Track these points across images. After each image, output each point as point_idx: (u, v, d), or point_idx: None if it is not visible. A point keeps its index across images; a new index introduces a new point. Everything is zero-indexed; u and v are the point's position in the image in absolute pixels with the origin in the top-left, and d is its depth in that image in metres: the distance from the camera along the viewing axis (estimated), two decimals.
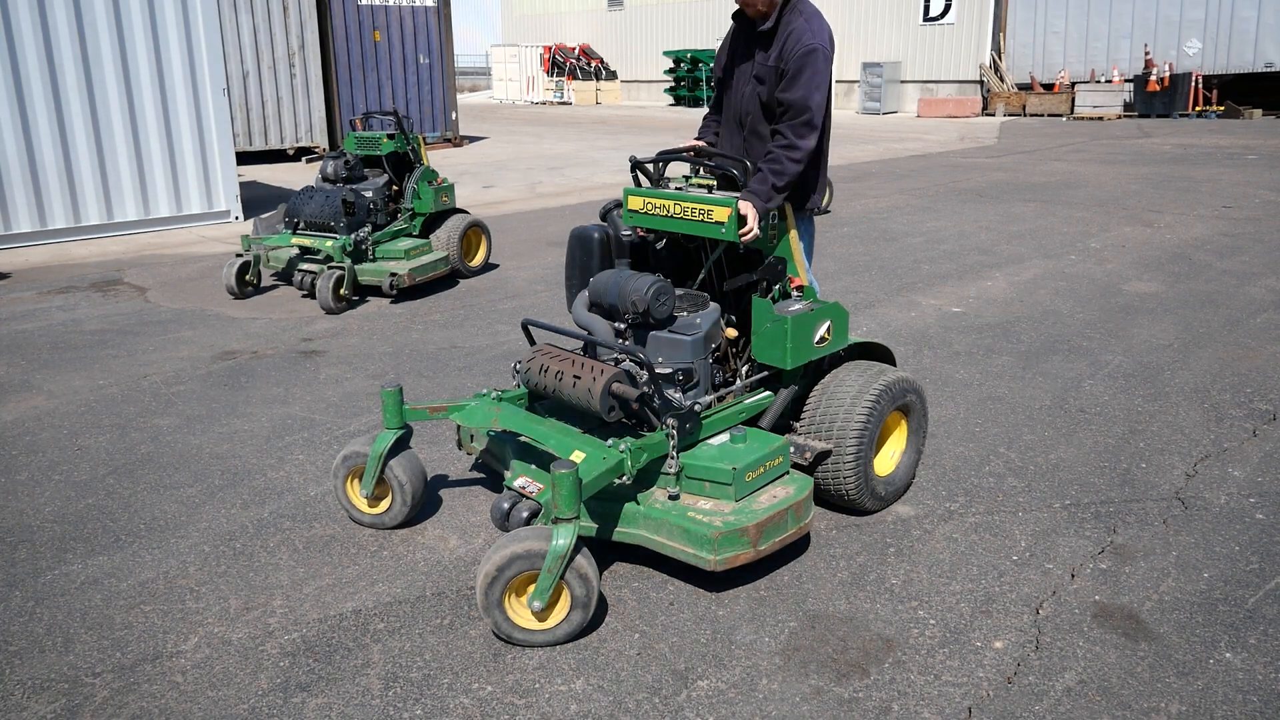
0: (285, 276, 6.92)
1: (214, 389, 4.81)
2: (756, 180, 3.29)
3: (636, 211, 3.45)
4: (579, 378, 2.94)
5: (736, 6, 3.52)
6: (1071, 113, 23.40)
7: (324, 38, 15.48)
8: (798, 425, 3.33)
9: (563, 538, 2.55)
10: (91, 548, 3.22)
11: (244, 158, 13.91)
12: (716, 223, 3.23)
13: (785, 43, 3.37)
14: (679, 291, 3.39)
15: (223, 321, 6.09)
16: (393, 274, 6.34)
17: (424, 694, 2.45)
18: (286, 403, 4.59)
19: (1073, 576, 2.97)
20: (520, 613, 2.64)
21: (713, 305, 3.33)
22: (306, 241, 6.51)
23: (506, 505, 2.87)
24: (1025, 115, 24.03)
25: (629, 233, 3.51)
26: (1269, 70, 22.26)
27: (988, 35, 25.39)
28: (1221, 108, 22.17)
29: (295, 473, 3.80)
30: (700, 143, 3.74)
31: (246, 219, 9.64)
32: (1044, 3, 24.92)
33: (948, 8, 25.86)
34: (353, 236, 6.44)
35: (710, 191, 3.39)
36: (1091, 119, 22.47)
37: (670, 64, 32.78)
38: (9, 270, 7.59)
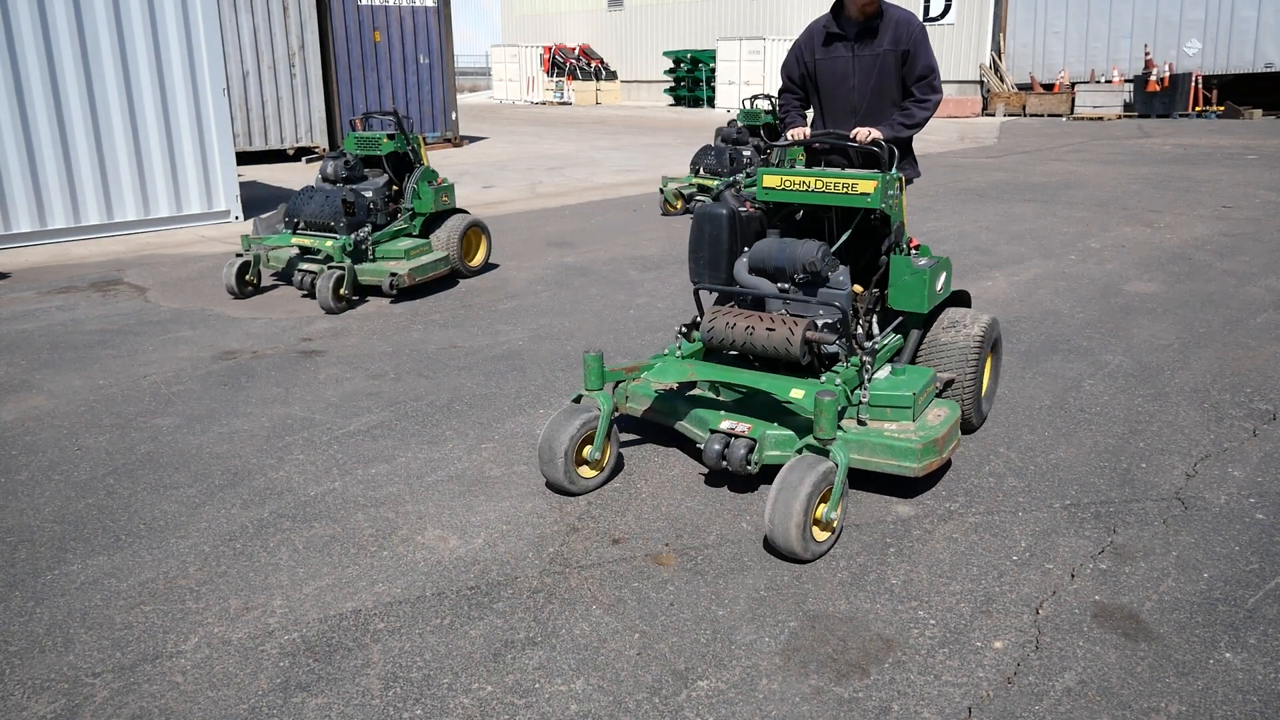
0: (285, 276, 6.92)
1: (214, 389, 4.81)
2: (892, 120, 4.08)
3: (773, 188, 3.94)
4: (772, 329, 3.52)
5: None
6: (1071, 113, 23.40)
7: (324, 38, 15.48)
8: (918, 360, 3.96)
9: (841, 453, 3.09)
10: (91, 548, 3.22)
11: (244, 158, 13.91)
12: (861, 194, 3.72)
13: (896, 29, 4.14)
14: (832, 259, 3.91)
15: (223, 321, 6.09)
16: (393, 274, 6.34)
17: (424, 694, 2.45)
18: (286, 403, 4.59)
19: (1073, 576, 2.97)
20: (819, 533, 3.08)
21: (842, 266, 3.86)
22: (306, 241, 6.51)
23: (719, 446, 3.41)
24: (1025, 115, 24.03)
25: (744, 209, 4.00)
26: (1269, 70, 22.26)
27: (988, 35, 25.40)
28: (1221, 108, 22.18)
29: (295, 473, 3.80)
30: (805, 131, 4.29)
31: (246, 219, 9.64)
32: (1044, 3, 24.94)
33: (948, 8, 25.86)
34: (353, 236, 6.44)
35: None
36: (1091, 119, 22.47)
37: (670, 64, 32.78)
38: (9, 270, 7.59)
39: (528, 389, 4.73)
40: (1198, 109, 22.41)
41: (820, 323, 3.60)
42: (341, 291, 6.25)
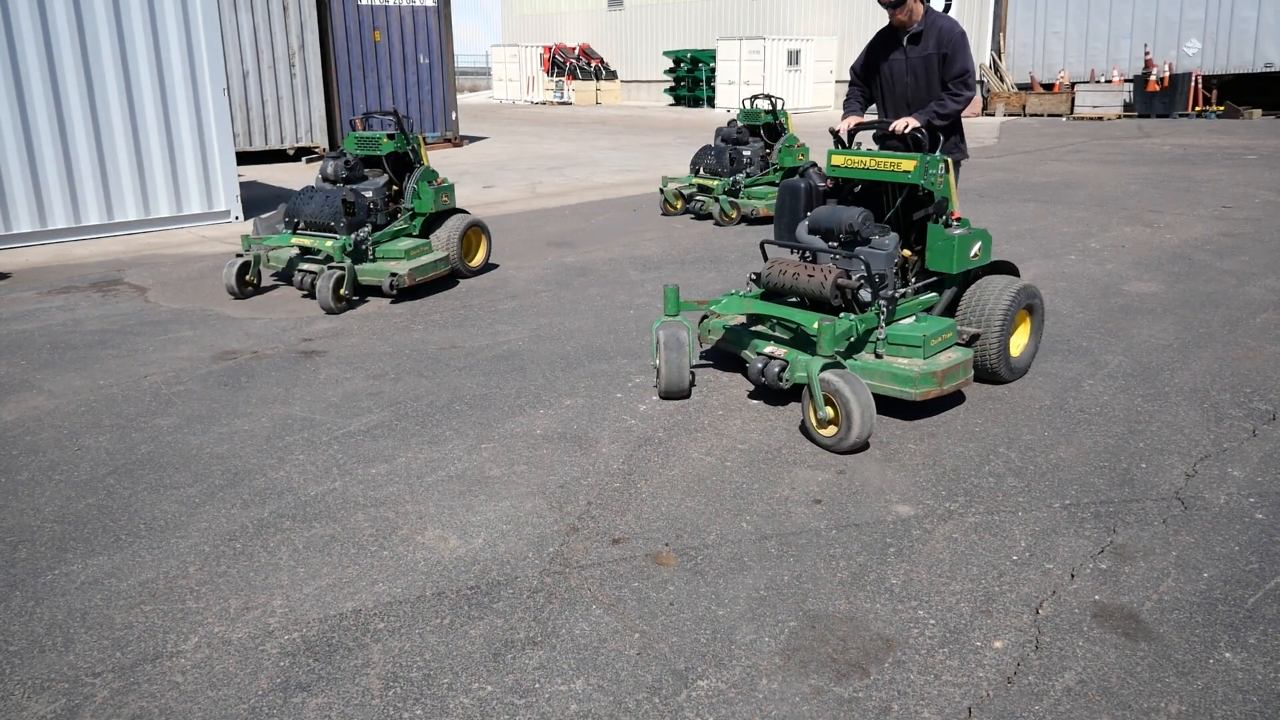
0: (285, 276, 6.92)
1: (214, 389, 4.81)
2: (926, 110, 4.82)
3: (839, 166, 4.71)
4: (812, 276, 4.34)
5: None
6: (1071, 113, 23.40)
7: (324, 38, 15.48)
8: (956, 317, 4.52)
9: (828, 369, 3.83)
10: (91, 548, 3.22)
11: (244, 158, 13.91)
12: (904, 171, 4.47)
13: (939, 35, 4.90)
14: (877, 225, 4.60)
15: (223, 321, 6.09)
16: (393, 274, 6.34)
17: (424, 694, 2.46)
18: (286, 403, 4.59)
19: (1072, 576, 2.97)
20: (823, 430, 3.92)
21: (894, 234, 4.56)
22: (306, 241, 6.51)
23: (760, 365, 4.25)
24: (1025, 115, 24.03)
25: (823, 183, 4.86)
26: (1269, 70, 22.26)
27: (988, 35, 25.40)
28: (1221, 108, 22.18)
29: (295, 473, 3.80)
30: (852, 121, 4.98)
31: (246, 219, 9.64)
32: (1044, 3, 24.94)
33: (948, 8, 25.84)
34: (353, 236, 6.44)
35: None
36: (1091, 119, 22.47)
37: (670, 64, 32.77)
38: (9, 270, 7.59)
39: (528, 389, 4.73)
40: (1197, 109, 22.41)
41: (856, 275, 4.28)
42: (341, 291, 6.25)
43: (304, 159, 15.14)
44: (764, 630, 2.71)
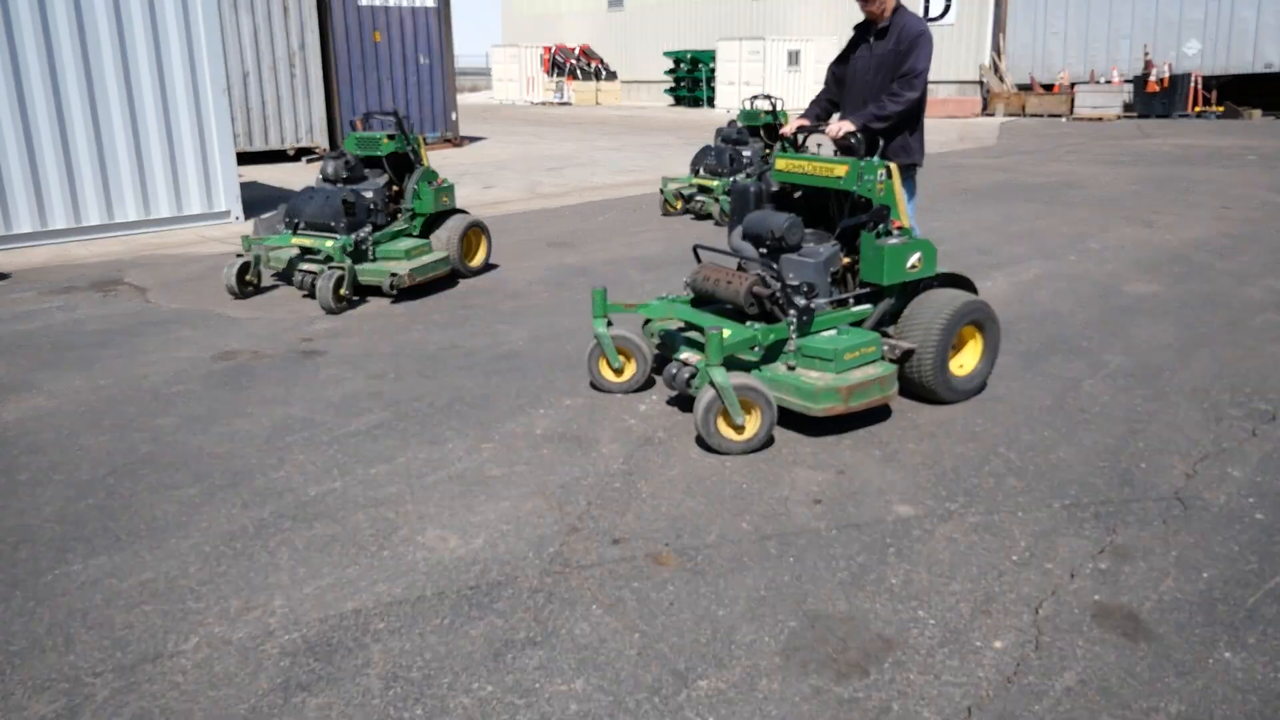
0: (285, 276, 6.92)
1: (214, 389, 4.81)
2: (863, 112, 4.66)
3: (782, 170, 4.61)
4: (730, 282, 4.21)
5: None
6: (1071, 113, 23.40)
7: (324, 38, 15.48)
8: (896, 331, 4.34)
9: (718, 375, 3.73)
10: (92, 548, 3.22)
11: (244, 158, 13.90)
12: (836, 176, 4.34)
13: (900, 32, 4.77)
14: (811, 230, 4.50)
15: (223, 321, 6.09)
16: (393, 274, 6.34)
17: (424, 694, 2.46)
18: (286, 403, 4.60)
19: (1072, 576, 2.97)
20: (731, 434, 3.85)
21: (832, 242, 4.40)
22: (307, 242, 6.51)
23: (674, 370, 4.19)
24: (1025, 116, 24.03)
25: (776, 186, 4.72)
26: (1269, 71, 22.26)
27: (988, 35, 25.41)
28: (1221, 108, 22.18)
29: (295, 473, 3.80)
30: (805, 121, 4.95)
31: (247, 219, 9.64)
32: (1044, 3, 24.94)
33: (948, 8, 25.87)
34: (353, 237, 6.44)
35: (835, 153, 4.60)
36: (1091, 119, 22.47)
37: (670, 64, 32.77)
38: (9, 270, 7.59)
39: (528, 389, 4.73)
40: (1197, 109, 22.41)
41: (784, 282, 4.14)
42: (342, 292, 6.25)
43: (304, 159, 15.14)
44: (764, 630, 2.71)
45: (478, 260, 7.39)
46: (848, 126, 4.55)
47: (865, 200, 4.39)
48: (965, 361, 4.48)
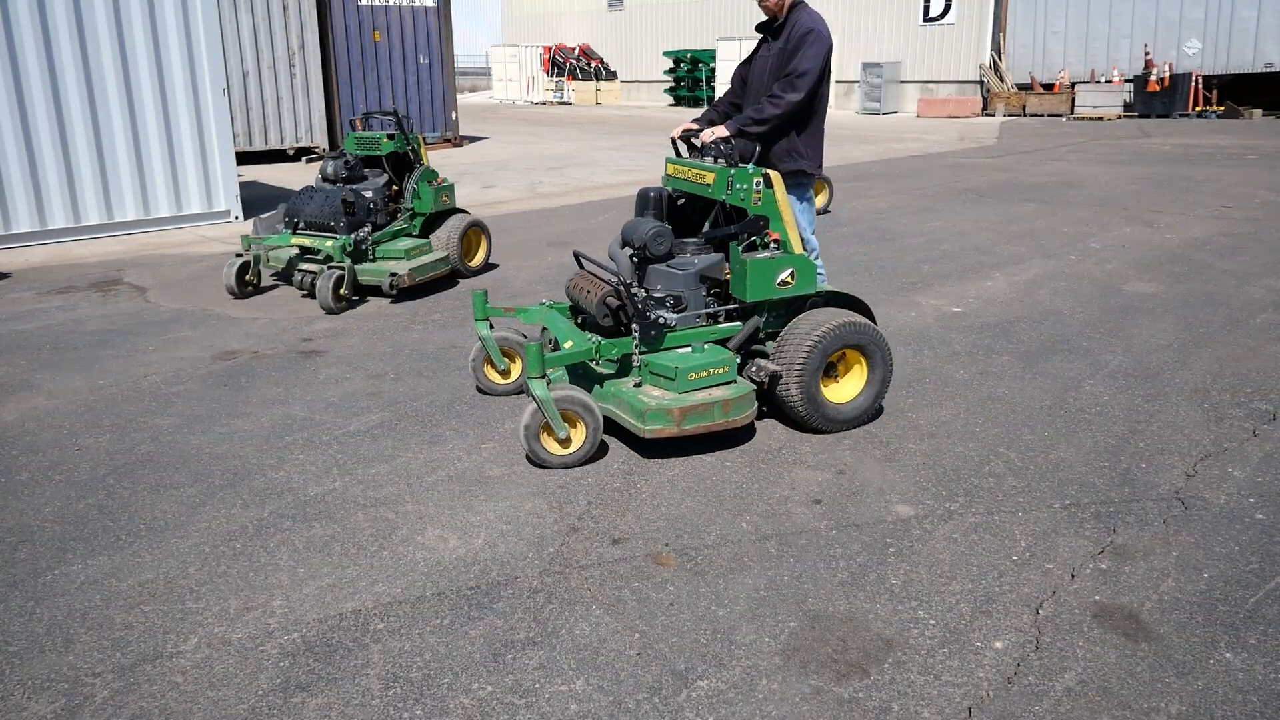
0: (285, 276, 6.92)
1: (214, 389, 4.81)
2: (740, 116, 4.46)
3: (669, 175, 4.49)
4: (589, 292, 4.04)
5: (752, 10, 4.45)
6: (1071, 113, 23.39)
7: (324, 38, 15.47)
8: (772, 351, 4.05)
9: (537, 388, 3.61)
10: (91, 548, 3.22)
11: (244, 158, 13.91)
12: (706, 184, 4.16)
13: (791, 30, 4.51)
14: (693, 241, 4.24)
15: (223, 321, 6.09)
16: (393, 274, 6.34)
17: (424, 694, 2.46)
18: (286, 403, 4.59)
19: (1073, 576, 2.97)
20: (555, 447, 3.73)
21: (716, 254, 4.16)
22: (306, 241, 6.50)
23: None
24: (1025, 115, 24.03)
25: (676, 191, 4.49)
26: (1269, 70, 22.26)
27: (988, 35, 25.40)
28: (1221, 108, 22.17)
29: (295, 473, 3.80)
30: (694, 125, 4.69)
31: (246, 219, 9.64)
32: (1044, 3, 24.93)
33: (948, 8, 25.86)
34: (353, 236, 6.44)
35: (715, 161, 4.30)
36: (1091, 119, 22.47)
37: (670, 64, 32.77)
38: (9, 270, 7.59)
39: None
40: (1198, 109, 22.40)
41: (631, 292, 3.93)
42: (341, 291, 6.25)
43: (304, 159, 15.13)
44: (764, 630, 2.71)
45: (478, 260, 7.38)
46: (721, 131, 4.33)
47: (735, 209, 4.15)
48: (847, 389, 4.12)
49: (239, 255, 6.69)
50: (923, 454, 3.89)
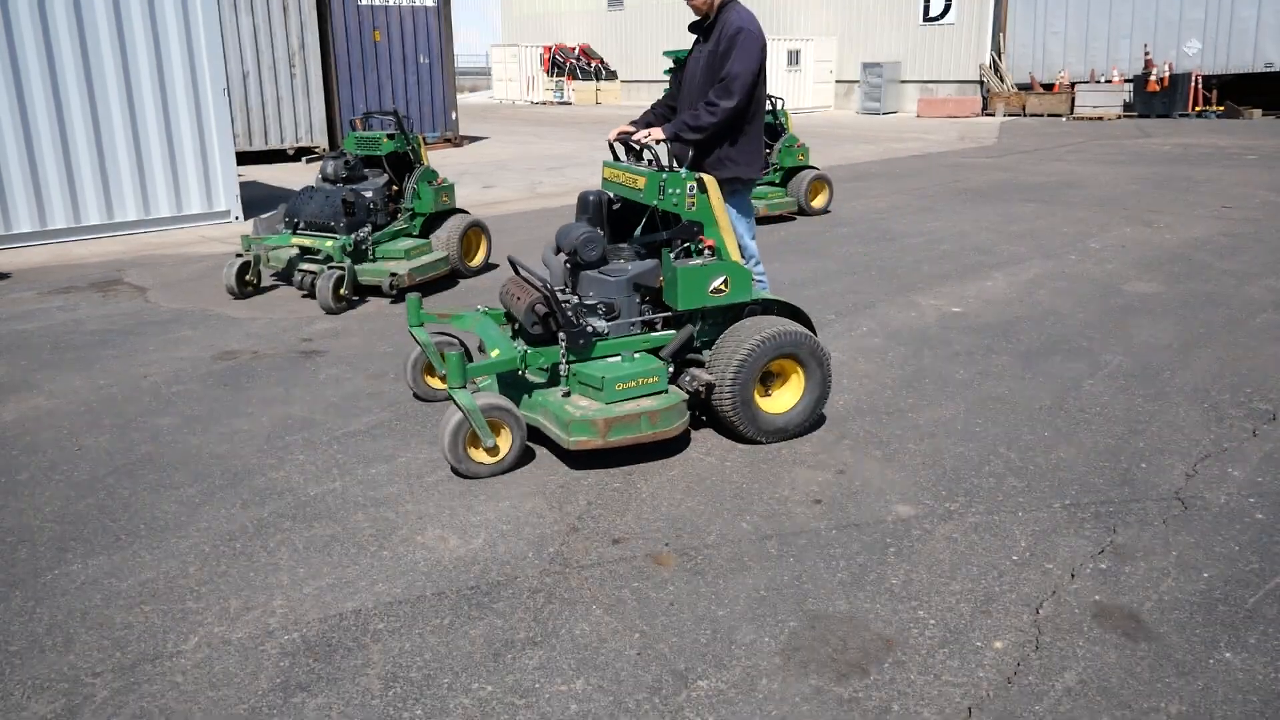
0: (285, 276, 6.92)
1: (214, 389, 4.81)
2: (676, 121, 4.29)
3: (606, 179, 4.39)
4: (519, 299, 3.87)
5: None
6: (1071, 113, 23.39)
7: (324, 38, 15.47)
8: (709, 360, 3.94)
9: (461, 398, 3.56)
10: (91, 548, 3.22)
11: (244, 158, 13.90)
12: (638, 189, 4.09)
13: (721, 31, 4.31)
14: (628, 246, 4.18)
15: (223, 321, 6.09)
16: (393, 274, 6.34)
17: (424, 694, 2.46)
18: (286, 403, 4.59)
19: (1073, 576, 2.97)
20: (480, 456, 3.65)
21: (650, 260, 4.04)
22: (306, 241, 6.50)
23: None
24: (1025, 115, 24.02)
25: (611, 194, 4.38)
26: (1269, 70, 22.25)
27: (988, 35, 25.40)
28: (1221, 108, 22.17)
29: (295, 473, 3.80)
30: (630, 128, 4.55)
31: (246, 219, 9.64)
32: (1044, 3, 24.92)
33: (948, 8, 25.85)
34: (353, 236, 6.44)
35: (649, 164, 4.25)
36: (1091, 119, 22.47)
37: (670, 64, 32.73)
38: (9, 270, 7.59)
39: None
40: (1197, 109, 22.40)
41: (555, 299, 3.80)
42: (341, 291, 6.25)
43: (304, 159, 15.13)
44: (764, 630, 2.71)
45: (478, 260, 7.38)
46: (656, 134, 4.21)
47: (668, 214, 4.07)
48: (784, 400, 4.00)
49: (239, 255, 6.69)
50: (923, 454, 3.89)
